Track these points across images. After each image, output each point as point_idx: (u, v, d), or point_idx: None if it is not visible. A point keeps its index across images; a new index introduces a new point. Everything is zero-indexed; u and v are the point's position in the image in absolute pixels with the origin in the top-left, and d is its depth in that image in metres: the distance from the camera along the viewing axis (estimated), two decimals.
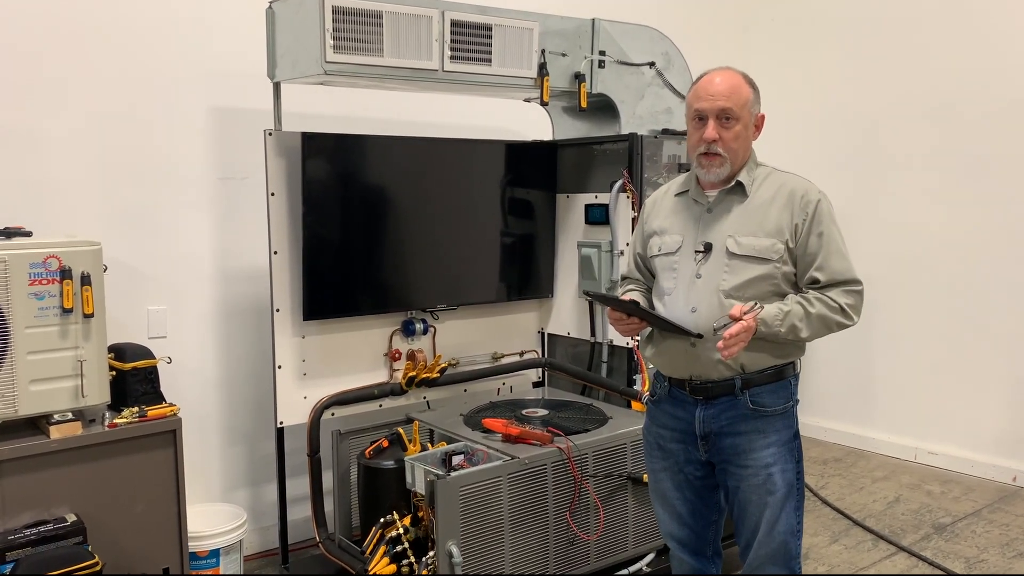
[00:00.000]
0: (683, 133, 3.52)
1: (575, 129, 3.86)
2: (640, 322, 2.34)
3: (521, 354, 3.87)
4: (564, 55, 3.42)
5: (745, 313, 2.14)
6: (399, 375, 3.48)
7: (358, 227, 3.28)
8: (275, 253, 3.17)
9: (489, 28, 3.18)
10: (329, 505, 3.28)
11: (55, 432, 2.70)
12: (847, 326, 2.27)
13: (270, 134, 3.12)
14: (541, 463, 2.89)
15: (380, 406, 3.44)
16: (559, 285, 3.85)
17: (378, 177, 3.36)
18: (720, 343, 2.13)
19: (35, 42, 3.08)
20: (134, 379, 2.94)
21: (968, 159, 4.61)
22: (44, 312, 2.67)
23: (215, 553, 3.21)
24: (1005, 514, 4.10)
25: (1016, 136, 4.43)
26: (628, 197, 3.40)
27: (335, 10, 2.82)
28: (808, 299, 2.24)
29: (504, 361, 3.80)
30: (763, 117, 2.36)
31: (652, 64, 3.63)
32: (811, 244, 2.26)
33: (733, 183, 2.32)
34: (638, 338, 2.51)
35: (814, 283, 2.27)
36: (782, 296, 2.27)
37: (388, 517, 2.92)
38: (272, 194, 3.14)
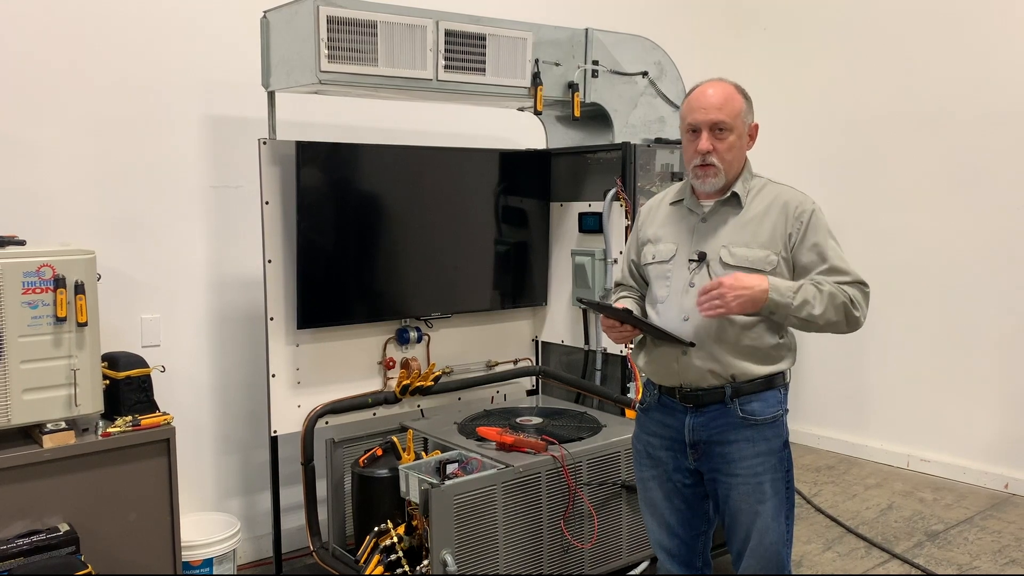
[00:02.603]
0: (676, 142, 3.54)
1: (568, 138, 3.87)
2: (633, 330, 2.35)
3: (515, 362, 3.88)
4: (557, 64, 3.44)
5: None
6: (393, 383, 3.48)
7: (352, 235, 3.29)
8: (269, 262, 3.17)
9: (483, 38, 3.20)
10: (323, 514, 3.28)
11: (48, 441, 2.69)
12: (855, 318, 2.23)
13: (264, 143, 3.13)
14: (535, 471, 2.89)
15: (374, 414, 3.44)
16: (553, 293, 3.86)
17: (372, 186, 3.36)
18: (698, 299, 2.17)
19: (29, 50, 3.08)
20: (127, 388, 2.93)
21: (960, 167, 4.64)
22: (37, 321, 2.66)
23: (208, 562, 3.20)
24: (997, 521, 4.12)
25: (1007, 144, 4.46)
26: (621, 206, 3.41)
27: (330, 20, 2.83)
28: (818, 281, 2.22)
29: (498, 369, 3.80)
30: (756, 127, 2.37)
31: (645, 73, 3.65)
32: (806, 254, 2.27)
33: (728, 194, 2.34)
34: (632, 346, 2.52)
35: None
36: None
37: (382, 526, 2.92)
38: (266, 203, 3.15)
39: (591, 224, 3.58)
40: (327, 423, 3.31)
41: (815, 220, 2.29)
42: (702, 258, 2.31)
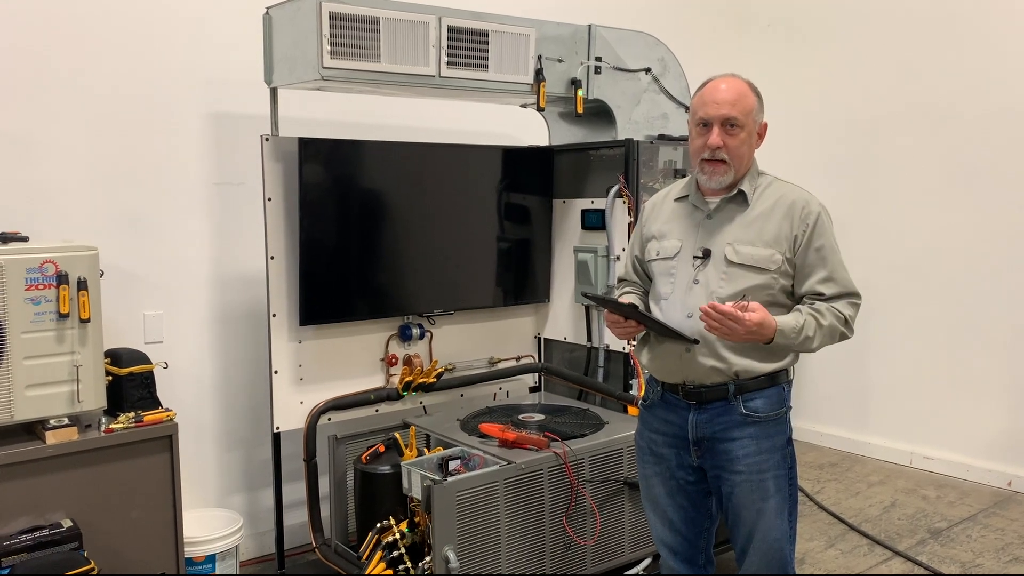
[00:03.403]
0: (679, 139, 3.53)
1: (571, 134, 3.87)
2: (637, 325, 2.34)
3: (518, 359, 3.88)
4: (560, 61, 3.43)
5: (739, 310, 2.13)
6: (396, 380, 3.48)
7: (355, 232, 3.29)
8: (272, 258, 3.17)
9: (486, 34, 3.19)
10: (325, 510, 3.28)
11: (51, 437, 2.70)
12: (847, 338, 2.30)
13: (267, 139, 3.13)
14: (537, 468, 2.89)
15: (377, 411, 3.44)
16: (556, 290, 3.85)
17: (375, 182, 3.36)
18: (705, 313, 2.12)
19: (32, 47, 3.08)
20: (130, 384, 2.93)
21: (963, 165, 4.62)
22: (40, 317, 2.67)
23: (211, 558, 3.20)
24: (1000, 518, 4.11)
25: (1011, 142, 4.45)
26: (624, 202, 3.41)
27: (332, 16, 2.83)
28: (819, 311, 2.24)
29: (501, 366, 3.80)
30: (766, 126, 2.36)
31: (648, 70, 3.64)
32: (810, 256, 2.27)
33: (735, 191, 2.33)
34: (634, 342, 2.51)
35: (819, 296, 2.27)
36: (777, 306, 2.27)
37: (384, 522, 2.92)
38: (269, 199, 3.15)
39: (594, 221, 3.58)
40: (329, 419, 3.32)
41: (820, 223, 2.28)
42: (707, 255, 2.31)
